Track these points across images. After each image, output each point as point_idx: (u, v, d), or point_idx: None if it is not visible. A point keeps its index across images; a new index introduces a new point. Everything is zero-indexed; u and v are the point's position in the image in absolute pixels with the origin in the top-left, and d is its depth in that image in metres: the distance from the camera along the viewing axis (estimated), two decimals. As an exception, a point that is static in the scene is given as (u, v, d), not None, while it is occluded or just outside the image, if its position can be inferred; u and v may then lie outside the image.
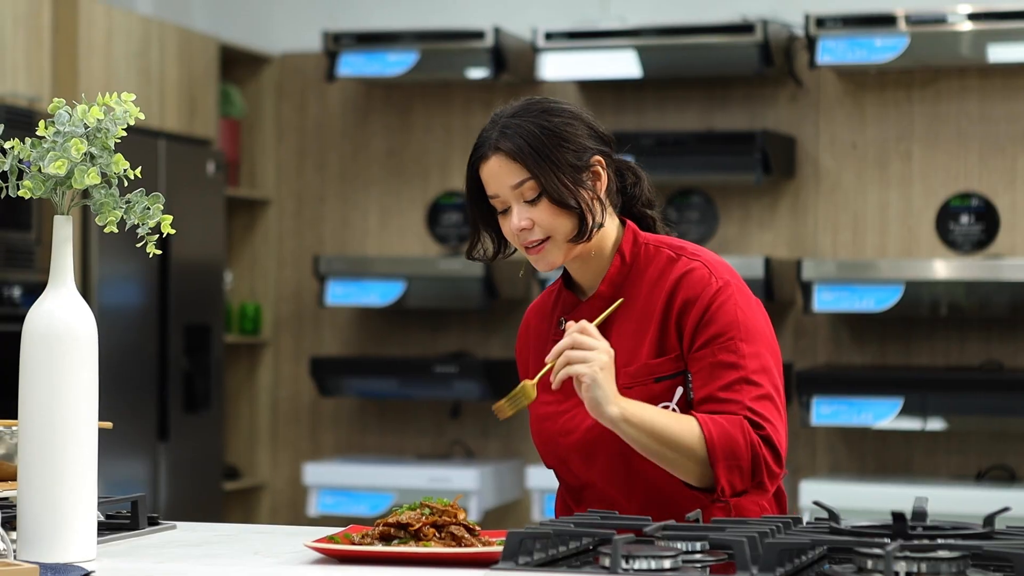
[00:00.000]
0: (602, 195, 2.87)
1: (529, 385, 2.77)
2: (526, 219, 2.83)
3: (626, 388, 2.81)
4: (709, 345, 2.80)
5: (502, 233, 2.92)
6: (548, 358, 2.73)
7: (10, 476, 2.74)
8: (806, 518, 2.66)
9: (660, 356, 2.83)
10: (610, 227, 2.91)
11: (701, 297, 2.82)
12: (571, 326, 2.73)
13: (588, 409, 2.71)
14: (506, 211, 2.86)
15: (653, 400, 2.81)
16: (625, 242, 2.91)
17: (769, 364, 2.82)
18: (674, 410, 2.82)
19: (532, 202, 2.82)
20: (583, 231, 2.83)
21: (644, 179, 2.99)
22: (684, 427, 2.73)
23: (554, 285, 3.03)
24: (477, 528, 2.53)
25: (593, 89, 6.80)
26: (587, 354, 2.69)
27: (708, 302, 2.81)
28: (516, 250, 2.96)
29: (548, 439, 2.93)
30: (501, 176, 2.83)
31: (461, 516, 2.53)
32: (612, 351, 2.72)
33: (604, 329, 2.85)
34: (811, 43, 6.18)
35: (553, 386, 2.73)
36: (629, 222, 2.94)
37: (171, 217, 2.52)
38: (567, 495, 2.99)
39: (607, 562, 2.24)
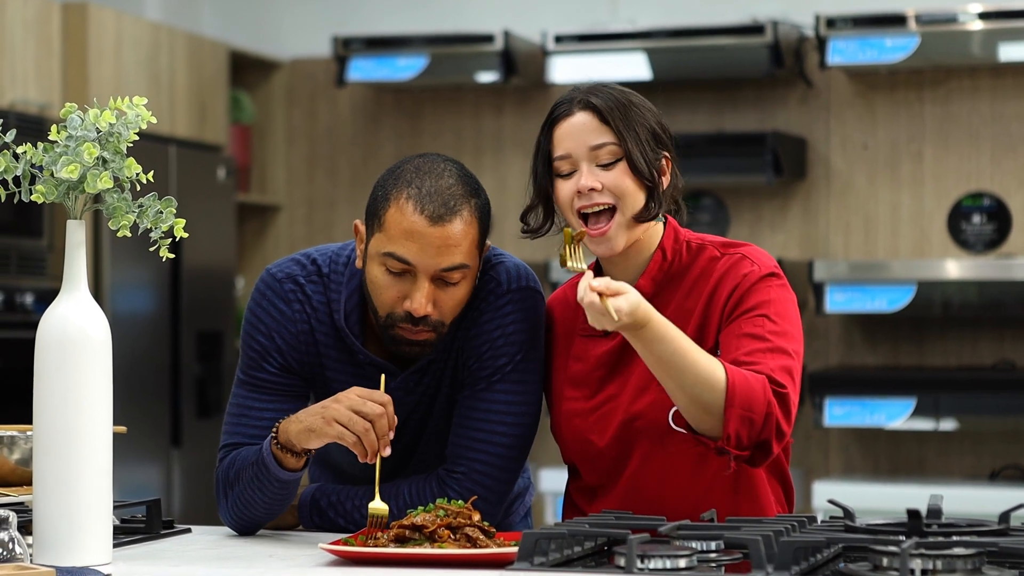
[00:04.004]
0: (665, 186, 2.81)
1: (568, 231, 2.65)
2: (596, 181, 2.74)
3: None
4: (738, 319, 2.74)
5: (550, 207, 2.82)
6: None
7: (26, 480, 2.74)
8: (820, 517, 2.65)
9: None
10: (657, 224, 2.85)
11: (743, 281, 2.76)
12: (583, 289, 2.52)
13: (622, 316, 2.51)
14: (570, 175, 2.77)
15: None
16: (666, 238, 2.83)
17: (796, 347, 2.78)
18: None
19: (606, 167, 2.75)
20: (649, 208, 2.75)
21: (681, 182, 2.90)
22: (709, 361, 2.61)
23: (576, 278, 2.82)
24: (492, 529, 2.53)
25: (603, 92, 6.79)
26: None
27: (748, 284, 2.76)
28: (548, 232, 2.85)
29: (577, 436, 2.85)
30: (582, 134, 2.76)
31: (476, 518, 2.53)
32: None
33: None
34: (821, 44, 6.17)
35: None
36: (670, 219, 2.87)
37: (184, 220, 2.52)
38: (578, 493, 2.93)
39: (622, 562, 2.24)
